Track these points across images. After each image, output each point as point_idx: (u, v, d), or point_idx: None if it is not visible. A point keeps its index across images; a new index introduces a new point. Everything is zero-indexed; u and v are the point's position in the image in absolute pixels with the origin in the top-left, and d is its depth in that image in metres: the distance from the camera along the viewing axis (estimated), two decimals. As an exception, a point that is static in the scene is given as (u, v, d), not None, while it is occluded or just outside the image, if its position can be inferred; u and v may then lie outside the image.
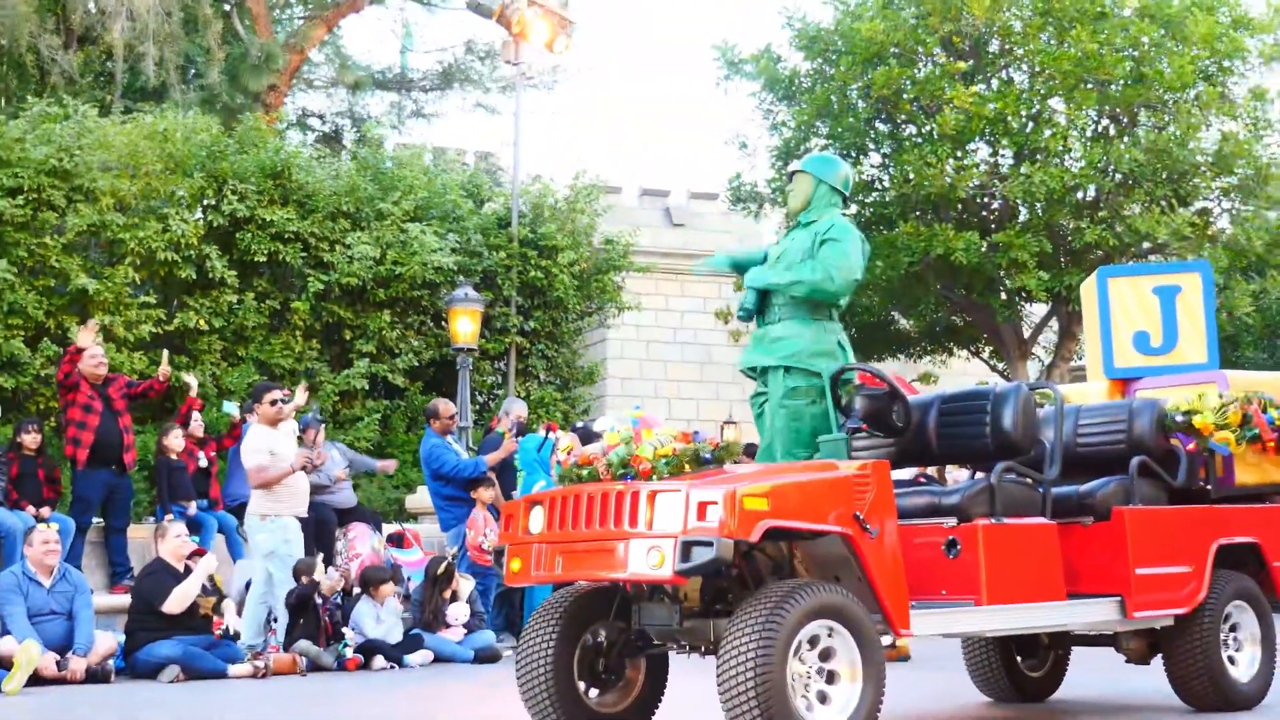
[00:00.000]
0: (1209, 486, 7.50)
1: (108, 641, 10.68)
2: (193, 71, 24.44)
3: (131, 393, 12.85)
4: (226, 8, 25.21)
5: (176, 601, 10.71)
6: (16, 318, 15.05)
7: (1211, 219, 22.05)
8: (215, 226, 16.94)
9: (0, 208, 15.04)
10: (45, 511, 12.12)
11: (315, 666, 11.06)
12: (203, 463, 13.27)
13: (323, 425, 13.78)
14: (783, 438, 7.00)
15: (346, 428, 17.00)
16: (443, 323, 17.88)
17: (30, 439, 12.46)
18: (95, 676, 10.32)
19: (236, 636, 11.39)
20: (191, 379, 13.91)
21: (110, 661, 10.59)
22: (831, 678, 5.78)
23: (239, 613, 11.76)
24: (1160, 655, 7.36)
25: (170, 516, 12.41)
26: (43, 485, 12.47)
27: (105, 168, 16.08)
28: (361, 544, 13.06)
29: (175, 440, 13.15)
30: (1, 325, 14.88)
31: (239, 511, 12.68)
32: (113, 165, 16.19)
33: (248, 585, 11.88)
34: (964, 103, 20.31)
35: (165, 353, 13.24)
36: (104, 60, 23.76)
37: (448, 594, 12.20)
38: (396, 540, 13.68)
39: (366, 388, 17.64)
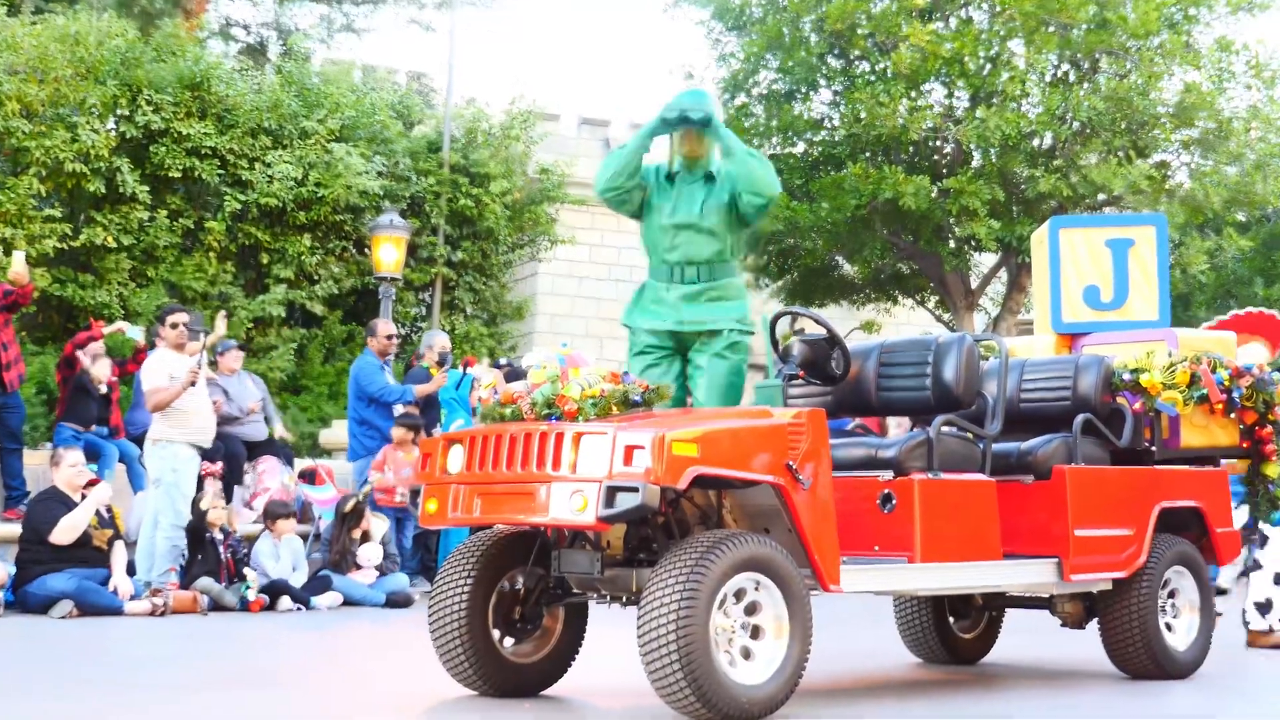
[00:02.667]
0: (1154, 448, 7.55)
1: (-3, 574, 10.58)
2: (109, -28, 24.03)
3: (5, 302, 12.54)
4: (147, -94, 24.79)
5: (65, 532, 10.58)
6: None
7: (1170, 173, 22.22)
8: (128, 138, 16.71)
9: (-105, 110, 14.80)
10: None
11: (217, 606, 10.98)
12: (103, 389, 13.09)
13: (239, 352, 13.67)
14: (727, 397, 7.03)
15: (260, 356, 16.86)
16: (365, 250, 17.76)
17: None
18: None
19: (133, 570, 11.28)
20: (121, 325, 13.58)
21: (-1, 594, 10.49)
22: (756, 633, 5.78)
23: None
24: (1096, 620, 7.43)
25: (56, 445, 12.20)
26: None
27: (11, 71, 15.85)
28: (271, 478, 12.98)
29: (102, 368, 12.88)
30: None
31: (142, 440, 12.55)
32: (19, 69, 15.95)
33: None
34: (920, 41, 20.31)
35: (18, 254, 12.79)
36: (13, -44, 23.33)
37: (358, 534, 12.13)
38: (309, 476, 13.58)
39: (283, 315, 17.50)
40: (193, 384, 11.50)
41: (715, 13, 22.69)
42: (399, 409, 13.01)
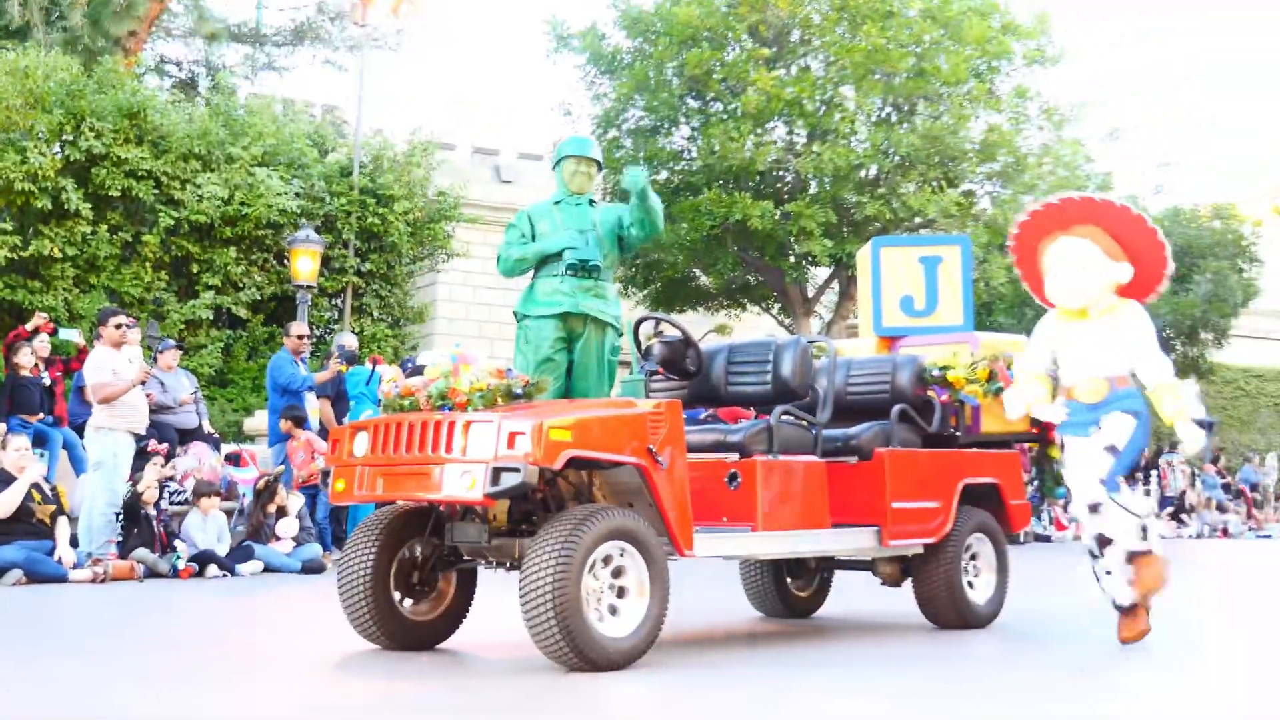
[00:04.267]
0: (958, 433, 7.68)
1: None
2: (56, 14, 23.43)
3: None
4: (90, -45, 24.22)
5: (3, 507, 10.36)
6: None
7: (975, 200, 22.66)
8: (72, 161, 16.36)
9: None
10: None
11: (152, 573, 10.81)
12: (46, 381, 12.80)
13: (176, 350, 13.45)
14: (600, 383, 7.09)
15: (191, 355, 16.58)
16: (285, 261, 17.53)
17: None
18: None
19: (76, 543, 11.07)
20: (39, 317, 13.27)
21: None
22: (622, 593, 5.81)
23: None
24: (910, 579, 7.55)
25: (3, 429, 11.96)
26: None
27: (-35, 102, 15.41)
28: (202, 461, 12.80)
29: (26, 358, 12.67)
30: None
31: (82, 429, 12.30)
32: (-26, 99, 15.53)
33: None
34: (766, 85, 20.51)
35: None
36: (-32, -1, 22.70)
37: (272, 508, 12.01)
38: (234, 459, 13.41)
39: (211, 318, 17.25)
40: (143, 382, 11.34)
41: (590, 58, 22.71)
42: (311, 400, 12.93)
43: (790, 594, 8.29)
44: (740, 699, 5.23)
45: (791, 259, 22.36)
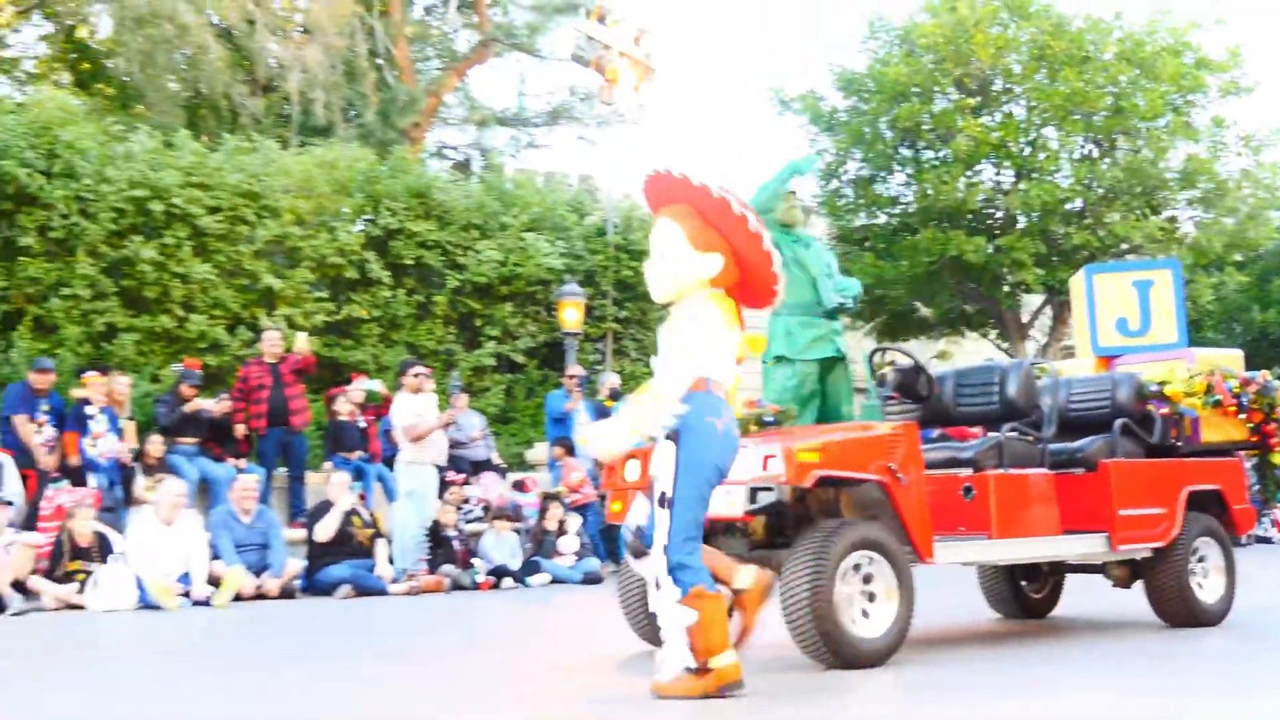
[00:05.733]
0: (1179, 443, 7.37)
1: (294, 566, 10.84)
2: (353, 112, 24.64)
3: (295, 368, 12.93)
4: (379, 61, 25.39)
5: (321, 530, 10.87)
6: (218, 310, 15.26)
7: (1178, 225, 21.70)
8: (373, 236, 17.07)
9: (205, 223, 15.23)
10: (242, 463, 12.30)
11: (456, 586, 11.17)
12: (361, 424, 13.36)
13: (465, 394, 13.93)
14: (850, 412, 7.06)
15: (478, 397, 17.09)
16: (553, 312, 17.93)
17: (224, 405, 12.59)
18: (285, 594, 10.50)
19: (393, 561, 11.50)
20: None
21: (296, 582, 10.75)
22: (872, 597, 5.75)
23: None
24: (1141, 581, 7.27)
25: (329, 466, 12.50)
26: (238, 442, 12.65)
27: (286, 190, 16.25)
28: (490, 489, 13.18)
29: (342, 405, 13.26)
30: (206, 316, 15.08)
31: (392, 463, 12.79)
32: (291, 188, 16.35)
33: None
34: (973, 131, 20.14)
35: (300, 335, 13.29)
36: (283, 104, 24.03)
37: (554, 525, 12.25)
38: (519, 485, 13.77)
39: (494, 364, 17.73)
40: (448, 424, 11.79)
41: (811, 119, 22.67)
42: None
43: (1025, 596, 8.07)
44: (983, 692, 5.12)
45: (1005, 288, 21.81)
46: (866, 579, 5.74)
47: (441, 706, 4.99)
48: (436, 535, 11.58)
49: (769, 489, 5.56)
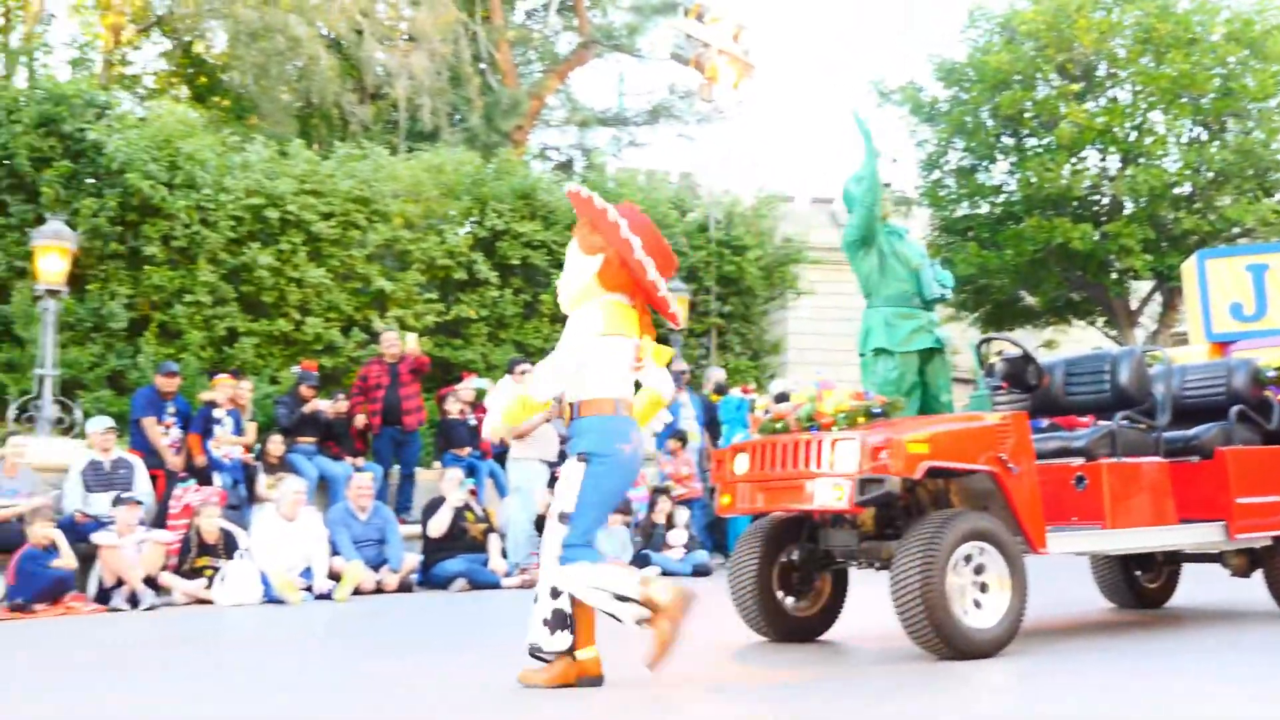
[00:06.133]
0: (1298, 430, 7.16)
1: (411, 561, 11.00)
2: (458, 117, 24.91)
3: (412, 368, 13.13)
4: (482, 66, 25.65)
5: (435, 526, 11.00)
6: (333, 313, 15.55)
7: (1292, 206, 21.03)
8: (480, 238, 17.24)
9: (319, 229, 15.54)
10: (359, 461, 12.52)
11: (568, 579, 11.23)
12: (472, 421, 13.49)
13: None
14: (949, 403, 6.96)
15: (584, 392, 17.14)
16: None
17: (341, 405, 12.82)
18: (402, 587, 10.66)
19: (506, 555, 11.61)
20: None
21: (413, 576, 10.90)
22: (984, 588, 5.69)
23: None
24: (1260, 570, 7.07)
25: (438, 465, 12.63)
26: (355, 441, 12.87)
27: (395, 195, 16.49)
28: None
29: (452, 403, 13.39)
30: (322, 319, 15.38)
31: (503, 460, 12.92)
32: (401, 193, 16.59)
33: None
34: (1077, 118, 19.74)
35: (410, 336, 13.49)
36: (390, 110, 24.38)
37: (662, 518, 12.26)
38: (628, 479, 13.79)
39: (599, 361, 17.81)
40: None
41: (911, 109, 22.40)
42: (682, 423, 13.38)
43: (1140, 586, 7.91)
44: (1099, 683, 5.02)
45: (1113, 275, 21.33)
46: (978, 570, 5.67)
47: (566, 693, 5.02)
48: (542, 528, 11.66)
49: (878, 481, 5.53)
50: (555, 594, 5.06)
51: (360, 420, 12.84)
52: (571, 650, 5.06)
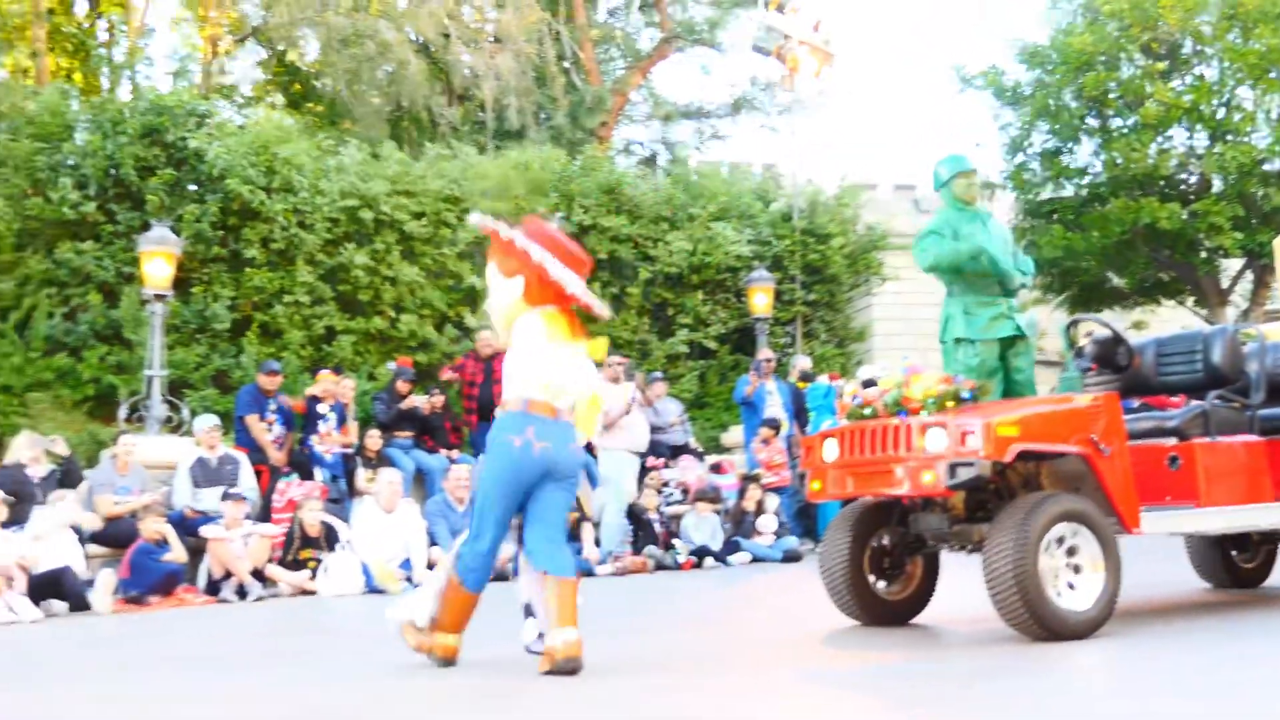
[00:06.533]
0: (1399, 406, 6.93)
1: (507, 550, 11.05)
2: (544, 115, 25.03)
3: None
4: (566, 64, 25.76)
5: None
6: (426, 309, 15.72)
7: (1386, 181, 20.36)
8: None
9: (411, 228, 15.73)
10: (454, 454, 12.66)
11: (660, 566, 11.28)
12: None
13: (665, 382, 14.04)
14: (1031, 386, 6.85)
15: (674, 383, 17.17)
16: (743, 298, 17.90)
17: (437, 400, 12.97)
18: (499, 576, 10.72)
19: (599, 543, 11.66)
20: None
21: (509, 565, 10.97)
22: (1077, 569, 5.61)
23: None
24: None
25: None
26: (450, 434, 13.01)
27: (484, 193, 16.60)
28: (688, 473, 13.24)
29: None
30: (416, 316, 15.56)
31: (592, 450, 12.97)
32: (490, 191, 16.72)
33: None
34: (1163, 96, 19.31)
35: (485, 332, 13.60)
36: (478, 111, 24.59)
37: (752, 505, 12.25)
38: (716, 468, 13.81)
39: (687, 351, 17.80)
40: (627, 412, 11.92)
41: (994, 94, 22.06)
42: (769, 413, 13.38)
43: (1236, 566, 7.73)
44: (1196, 664, 4.93)
45: (1202, 254, 20.81)
46: (1071, 551, 5.60)
47: (669, 679, 5.05)
48: (638, 518, 11.71)
49: (969, 464, 5.48)
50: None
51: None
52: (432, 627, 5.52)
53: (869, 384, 9.33)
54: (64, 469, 10.88)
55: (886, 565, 6.57)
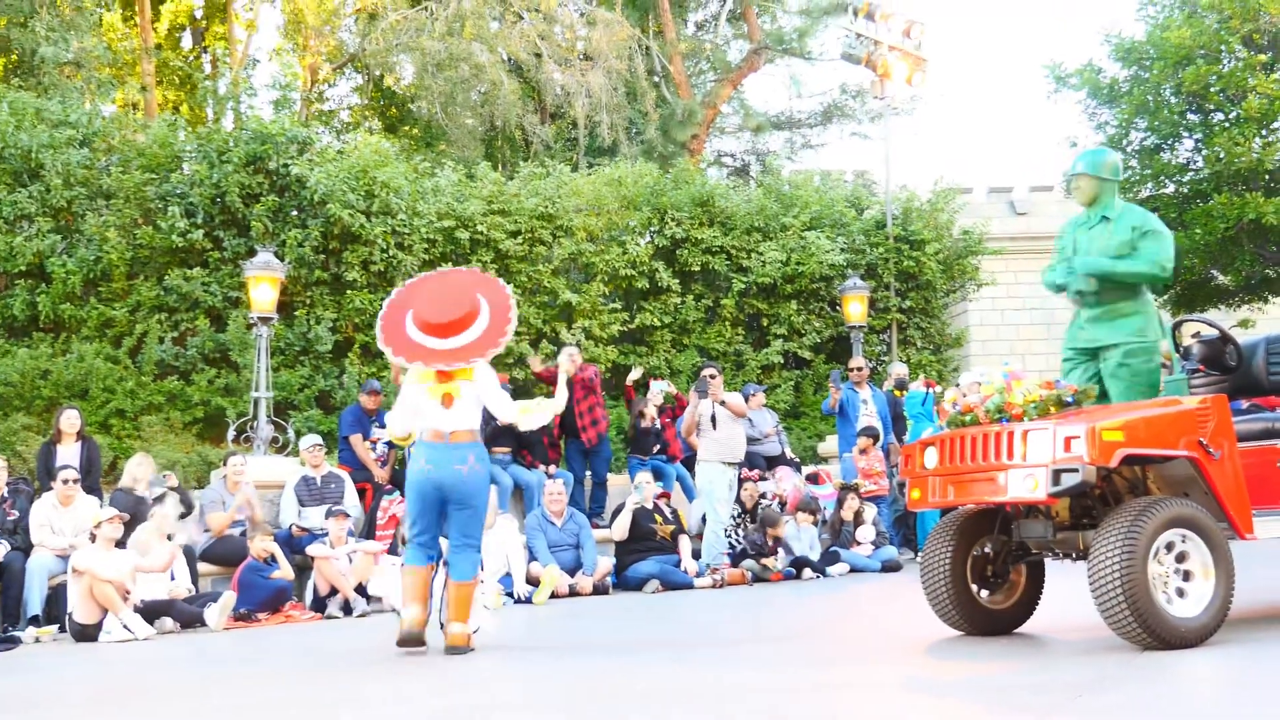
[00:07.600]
0: None
1: (605, 564, 11.10)
2: (635, 130, 25.11)
3: (581, 383, 13.05)
4: (657, 79, 25.82)
5: (616, 529, 11.08)
6: (521, 327, 15.82)
7: None
8: (660, 247, 17.33)
9: (506, 246, 15.86)
10: (552, 469, 12.69)
11: (758, 578, 11.19)
12: (656, 426, 13.43)
13: (762, 394, 13.94)
14: (1127, 395, 6.62)
15: (769, 394, 17.07)
16: (837, 307, 17.76)
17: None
18: (597, 590, 10.76)
19: (698, 555, 11.60)
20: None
21: (607, 579, 11.00)
22: (1187, 576, 5.43)
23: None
24: None
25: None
26: (548, 450, 13.04)
27: (578, 210, 16.70)
28: (785, 483, 13.13)
29: (640, 406, 13.43)
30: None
31: (689, 463, 12.91)
32: (583, 207, 16.80)
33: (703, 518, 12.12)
34: (1266, 89, 18.74)
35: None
36: (570, 129, 24.74)
37: (850, 515, 12.11)
38: (813, 478, 13.68)
39: (781, 362, 17.70)
40: (696, 423, 11.85)
41: (1089, 92, 21.61)
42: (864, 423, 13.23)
43: (1356, 570, 7.43)
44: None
45: (1311, 249, 20.18)
46: (1180, 558, 5.42)
47: (773, 688, 4.99)
48: (736, 530, 11.63)
49: (1073, 470, 5.33)
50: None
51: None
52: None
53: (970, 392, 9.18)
54: (181, 501, 11.08)
55: (989, 574, 6.43)
